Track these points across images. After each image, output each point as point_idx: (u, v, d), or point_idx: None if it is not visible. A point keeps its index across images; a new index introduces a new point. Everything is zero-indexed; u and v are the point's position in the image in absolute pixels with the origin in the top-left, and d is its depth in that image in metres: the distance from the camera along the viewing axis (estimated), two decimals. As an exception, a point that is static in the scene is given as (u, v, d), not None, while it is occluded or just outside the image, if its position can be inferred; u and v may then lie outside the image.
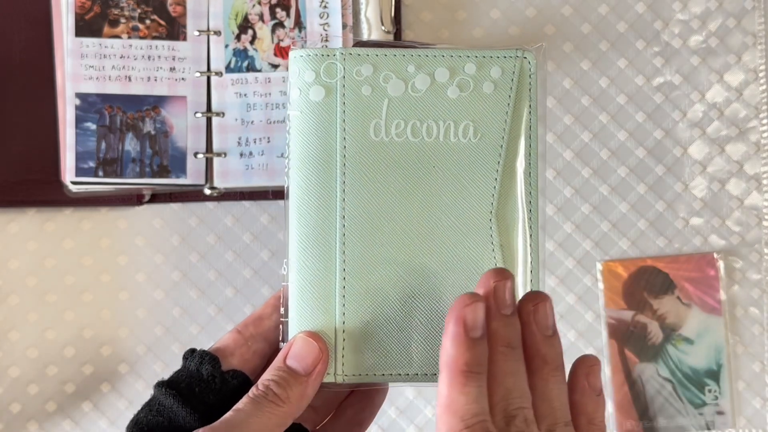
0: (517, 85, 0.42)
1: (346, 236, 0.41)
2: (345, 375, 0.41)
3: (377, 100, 0.42)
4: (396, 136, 0.42)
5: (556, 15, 0.68)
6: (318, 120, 0.42)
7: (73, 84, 0.62)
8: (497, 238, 0.42)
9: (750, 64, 0.68)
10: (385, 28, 0.64)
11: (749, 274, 0.68)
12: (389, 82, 0.42)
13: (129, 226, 0.65)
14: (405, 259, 0.42)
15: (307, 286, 0.41)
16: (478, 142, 0.42)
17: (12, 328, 0.64)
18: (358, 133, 0.42)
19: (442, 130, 0.42)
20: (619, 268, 0.68)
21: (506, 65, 0.42)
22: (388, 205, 0.42)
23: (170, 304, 0.66)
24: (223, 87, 0.64)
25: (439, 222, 0.42)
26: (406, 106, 0.42)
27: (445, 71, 0.42)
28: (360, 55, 0.42)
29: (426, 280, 0.41)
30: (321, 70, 0.42)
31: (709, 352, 0.67)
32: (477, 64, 0.42)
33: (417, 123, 0.42)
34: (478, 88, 0.42)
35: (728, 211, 0.68)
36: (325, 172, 0.42)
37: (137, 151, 0.63)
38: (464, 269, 0.42)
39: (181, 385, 0.40)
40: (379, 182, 0.42)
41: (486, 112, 0.42)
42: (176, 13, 0.63)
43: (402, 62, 0.42)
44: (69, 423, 0.65)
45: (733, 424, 0.67)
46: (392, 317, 0.41)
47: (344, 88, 0.42)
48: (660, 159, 0.68)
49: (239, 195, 0.65)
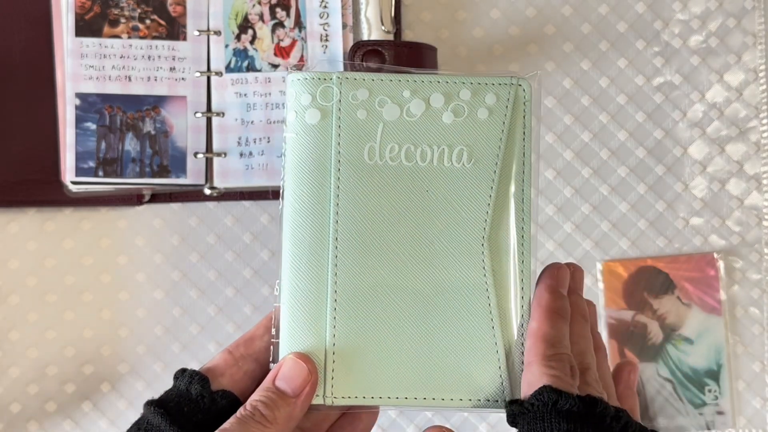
0: (511, 112, 0.43)
1: (338, 258, 0.42)
2: (334, 397, 0.41)
3: (372, 123, 0.43)
4: (390, 159, 0.42)
5: (556, 15, 0.68)
6: (313, 142, 0.42)
7: (73, 84, 0.62)
8: (489, 263, 0.42)
9: (750, 64, 0.68)
10: (385, 28, 0.64)
11: (749, 274, 0.68)
12: (384, 107, 0.43)
13: (129, 226, 0.65)
14: (396, 283, 0.42)
15: (298, 308, 0.41)
16: (471, 167, 0.42)
17: (12, 328, 0.64)
18: (352, 156, 0.42)
19: (436, 154, 0.42)
20: (619, 268, 0.68)
21: (501, 92, 0.43)
22: (380, 229, 0.42)
23: (170, 304, 0.66)
24: (223, 87, 0.64)
25: (432, 246, 0.42)
26: (400, 130, 0.43)
27: (440, 97, 0.43)
28: (356, 80, 0.43)
29: (417, 304, 0.42)
30: (317, 93, 0.43)
31: (709, 352, 0.67)
32: (472, 90, 0.43)
33: (411, 147, 0.42)
34: (473, 114, 0.43)
35: (728, 211, 0.68)
36: (319, 195, 0.42)
37: (137, 151, 0.63)
38: (455, 293, 0.42)
39: (170, 405, 0.40)
40: (372, 205, 0.42)
41: (480, 138, 0.42)
42: (176, 13, 0.63)
43: (397, 87, 0.43)
44: (69, 423, 0.65)
45: (733, 424, 0.67)
46: (383, 340, 0.41)
47: (340, 112, 0.43)
48: (660, 159, 0.68)
49: (239, 195, 0.65)
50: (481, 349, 0.41)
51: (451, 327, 0.42)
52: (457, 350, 0.41)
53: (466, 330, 0.41)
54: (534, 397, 0.37)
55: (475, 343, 0.41)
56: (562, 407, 0.36)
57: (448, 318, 0.41)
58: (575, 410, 0.36)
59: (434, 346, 0.41)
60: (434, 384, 0.41)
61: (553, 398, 0.37)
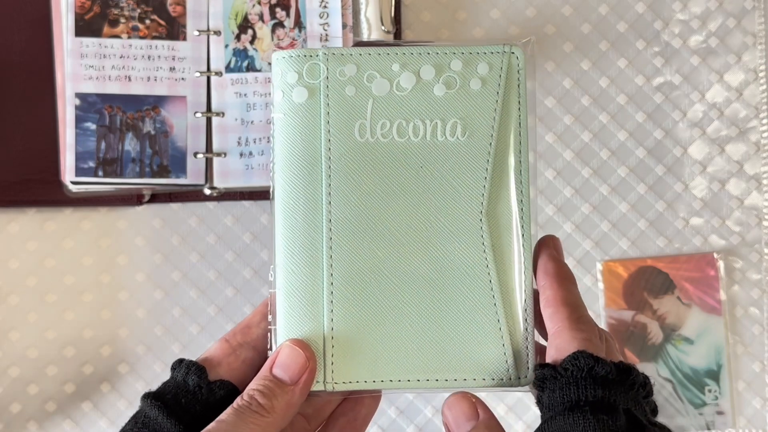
0: (505, 81, 0.41)
1: (333, 240, 0.41)
2: (335, 383, 0.40)
3: (361, 100, 0.41)
4: (381, 136, 0.41)
5: (556, 15, 0.68)
6: (302, 122, 0.41)
7: (73, 84, 0.62)
8: (488, 239, 0.41)
9: (750, 64, 0.68)
10: (385, 28, 0.64)
11: (749, 274, 0.68)
12: (373, 82, 0.41)
13: (129, 226, 0.65)
14: (394, 263, 0.41)
15: (294, 293, 0.40)
16: (466, 140, 0.41)
17: (12, 328, 0.64)
18: (342, 134, 0.41)
19: (429, 129, 0.41)
20: (619, 268, 0.68)
21: (493, 61, 0.41)
22: (375, 208, 0.41)
23: (170, 304, 0.66)
24: (222, 87, 0.64)
25: (428, 224, 0.41)
26: (391, 105, 0.41)
27: (430, 69, 0.41)
28: (343, 55, 0.41)
29: (416, 284, 0.41)
30: (304, 71, 0.41)
31: (709, 352, 0.67)
32: (463, 60, 0.41)
33: (403, 122, 0.41)
34: (465, 86, 0.41)
35: (728, 211, 0.68)
36: (311, 176, 0.41)
37: (137, 151, 0.63)
38: (454, 271, 0.41)
39: (168, 397, 0.40)
40: (365, 184, 0.41)
41: (474, 110, 0.41)
42: (176, 13, 0.63)
43: (386, 61, 0.41)
44: (69, 423, 0.65)
45: (733, 424, 0.67)
46: (382, 322, 0.40)
47: (328, 89, 0.41)
48: (660, 159, 0.68)
49: (239, 195, 0.65)
50: (484, 328, 0.40)
51: (451, 306, 0.41)
52: (459, 329, 0.40)
53: (467, 308, 0.40)
54: (569, 362, 0.36)
55: (477, 321, 0.40)
56: (598, 373, 0.35)
57: (449, 297, 0.40)
58: (609, 377, 0.36)
59: (435, 327, 0.40)
60: (436, 365, 0.40)
61: (590, 364, 0.36)
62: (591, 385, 0.35)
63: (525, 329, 0.40)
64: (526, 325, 0.40)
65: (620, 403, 0.35)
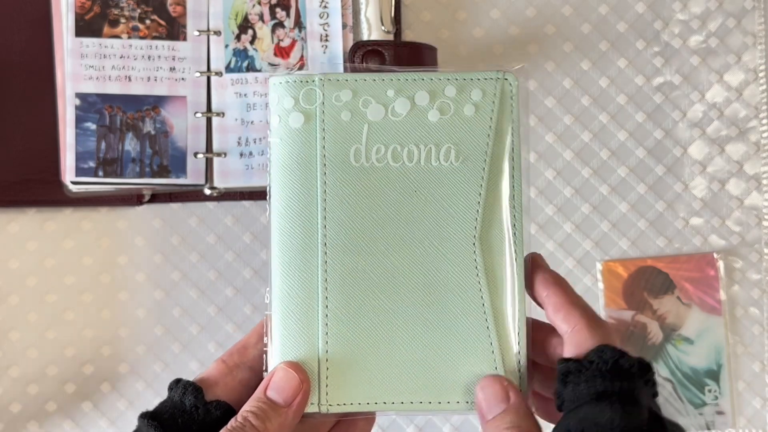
0: (498, 107, 0.42)
1: (328, 264, 0.41)
2: (329, 405, 0.40)
3: (357, 125, 0.42)
4: (377, 161, 0.42)
5: (556, 15, 0.68)
6: (298, 147, 0.42)
7: (73, 84, 0.62)
8: (481, 262, 0.41)
9: (750, 64, 0.68)
10: (385, 28, 0.64)
11: (749, 274, 0.68)
12: (369, 107, 0.42)
13: (129, 226, 0.65)
14: (388, 286, 0.41)
15: (289, 315, 0.41)
16: (460, 165, 0.42)
17: (12, 328, 0.64)
18: (338, 159, 0.42)
19: (423, 153, 0.42)
20: (619, 268, 0.68)
21: (487, 87, 0.42)
22: (370, 232, 0.41)
23: (170, 304, 0.66)
24: (223, 87, 0.64)
25: (423, 247, 0.41)
26: (386, 130, 0.42)
27: (425, 95, 0.42)
28: (339, 81, 0.42)
29: (410, 307, 0.41)
30: (300, 96, 0.42)
31: (709, 352, 0.67)
32: (457, 86, 0.42)
33: (398, 147, 0.42)
34: (459, 111, 0.42)
35: (728, 211, 0.68)
36: (306, 199, 0.41)
37: (137, 151, 0.63)
38: (449, 294, 0.41)
39: (165, 416, 0.40)
40: (360, 208, 0.41)
41: (467, 135, 0.42)
42: (176, 13, 0.63)
43: (381, 87, 0.42)
44: (69, 423, 0.65)
45: (733, 424, 0.67)
46: (377, 345, 0.41)
47: (324, 114, 0.42)
48: (660, 159, 0.68)
49: (239, 195, 0.65)
50: (477, 350, 0.41)
51: (445, 329, 0.41)
52: (453, 352, 0.41)
53: (460, 332, 0.41)
54: (594, 355, 0.37)
55: (471, 344, 0.41)
56: (623, 366, 0.36)
57: (443, 320, 0.41)
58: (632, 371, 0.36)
59: (429, 349, 0.41)
60: (430, 387, 0.41)
61: (615, 356, 0.36)
62: (617, 377, 0.36)
63: (518, 352, 0.41)
64: (519, 348, 0.41)
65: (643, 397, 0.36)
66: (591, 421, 0.35)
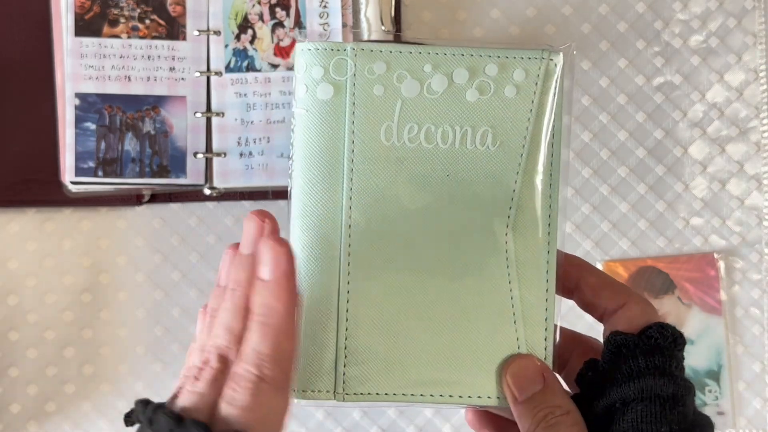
0: (540, 89, 0.39)
1: (351, 247, 0.38)
2: (346, 393, 0.38)
3: (390, 101, 0.39)
4: (409, 141, 0.39)
5: (556, 15, 0.68)
6: (325, 120, 0.39)
7: (72, 84, 0.62)
8: (513, 253, 0.39)
9: (750, 64, 0.68)
10: (385, 28, 0.64)
11: (749, 274, 0.68)
12: (403, 82, 0.39)
13: (129, 226, 0.65)
14: (412, 273, 0.39)
15: (308, 298, 0.39)
16: (496, 150, 0.39)
17: (12, 329, 0.64)
18: (367, 136, 0.39)
19: (459, 135, 0.39)
20: (619, 269, 0.67)
21: (530, 67, 0.39)
22: (397, 216, 0.39)
23: (170, 304, 0.66)
24: (222, 87, 0.64)
25: (451, 234, 0.39)
26: (420, 108, 0.39)
27: (464, 72, 0.39)
28: (373, 51, 0.39)
29: (435, 297, 0.39)
30: (330, 66, 0.39)
31: (710, 353, 0.67)
32: (499, 65, 0.39)
33: (432, 127, 0.39)
34: (499, 92, 0.39)
35: (728, 211, 0.68)
36: (331, 178, 0.39)
37: (137, 151, 0.63)
38: (476, 286, 0.39)
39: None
40: (388, 191, 0.39)
41: (506, 119, 0.39)
42: (176, 12, 0.63)
43: (418, 60, 0.39)
44: (69, 423, 0.65)
45: (734, 425, 0.67)
46: (398, 334, 0.38)
47: (354, 87, 0.39)
48: (660, 159, 0.68)
49: (239, 195, 0.65)
50: (502, 344, 0.39)
51: (470, 320, 0.39)
52: (477, 345, 0.39)
53: (486, 324, 0.39)
54: (656, 331, 0.37)
55: (496, 337, 0.39)
56: (681, 345, 0.38)
57: (468, 311, 0.39)
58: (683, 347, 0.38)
59: (452, 340, 0.39)
60: (452, 380, 0.39)
61: (676, 334, 0.37)
62: (674, 354, 0.37)
63: (545, 348, 0.39)
64: (546, 344, 0.39)
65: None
66: (652, 392, 0.36)
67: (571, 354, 0.41)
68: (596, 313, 0.40)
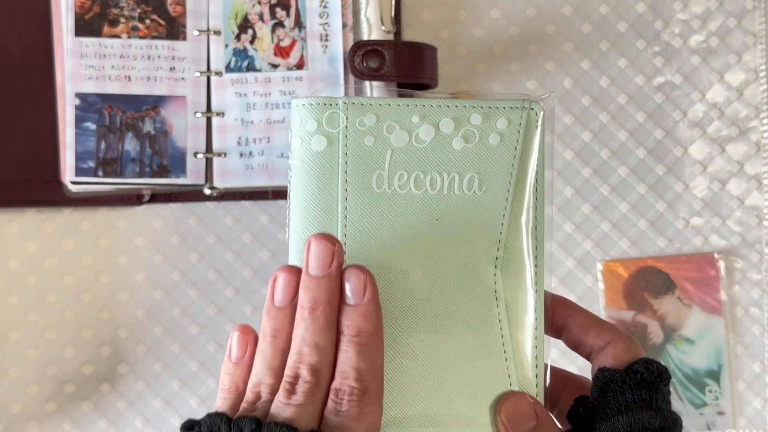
0: (523, 136, 0.41)
1: None
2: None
3: (380, 150, 0.41)
4: (399, 187, 0.41)
5: (556, 15, 0.68)
6: (319, 170, 0.41)
7: (72, 84, 0.62)
8: (502, 295, 0.40)
9: (750, 64, 0.68)
10: (385, 28, 0.64)
11: (750, 274, 0.68)
12: (392, 133, 0.41)
13: (129, 226, 0.65)
14: (405, 313, 0.40)
15: None
16: (483, 195, 0.40)
17: (12, 328, 0.64)
18: (359, 184, 0.41)
19: (447, 182, 0.41)
20: (619, 268, 0.67)
21: (512, 116, 0.41)
22: (389, 260, 0.40)
23: (170, 304, 0.66)
24: (222, 87, 0.64)
25: (442, 277, 0.40)
26: (409, 157, 0.41)
27: (450, 122, 0.41)
28: (363, 105, 0.41)
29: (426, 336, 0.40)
30: (323, 119, 0.41)
31: (710, 353, 0.67)
32: (483, 115, 0.41)
33: (420, 174, 0.41)
34: (484, 140, 0.41)
35: (729, 211, 0.68)
36: (326, 223, 0.41)
37: (137, 151, 0.63)
38: (467, 326, 0.40)
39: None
40: (380, 236, 0.40)
41: (491, 164, 0.41)
42: (176, 12, 0.63)
43: (406, 112, 0.41)
44: (69, 423, 0.65)
45: (734, 425, 0.67)
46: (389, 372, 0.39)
47: (347, 138, 0.41)
48: (660, 159, 0.68)
49: (239, 195, 0.65)
50: (494, 383, 0.40)
51: (461, 359, 0.40)
52: (468, 383, 0.40)
53: (477, 362, 0.40)
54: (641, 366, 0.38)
55: (487, 376, 0.40)
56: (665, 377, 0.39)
57: (459, 350, 0.40)
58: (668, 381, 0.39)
59: (444, 378, 0.40)
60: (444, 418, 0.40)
61: (661, 369, 0.39)
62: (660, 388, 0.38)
63: (536, 385, 0.40)
64: (537, 381, 0.40)
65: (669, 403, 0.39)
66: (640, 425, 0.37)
67: (561, 392, 0.42)
68: (584, 351, 0.41)
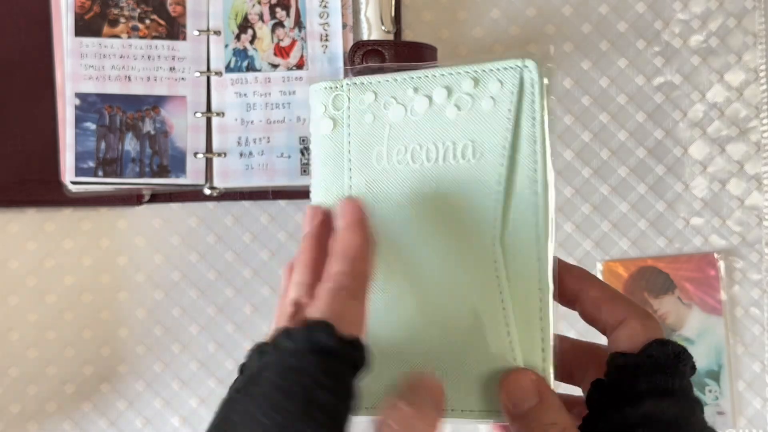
0: (517, 98, 0.39)
1: None
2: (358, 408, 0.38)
3: (379, 127, 0.41)
4: (398, 162, 0.41)
5: (556, 15, 0.68)
6: (328, 153, 0.42)
7: (72, 84, 0.62)
8: (503, 266, 0.38)
9: (750, 64, 0.68)
10: (385, 28, 0.64)
11: (750, 274, 0.68)
12: (389, 108, 0.41)
13: (129, 226, 0.65)
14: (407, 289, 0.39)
15: None
16: (477, 162, 0.39)
17: (12, 328, 0.64)
18: (362, 163, 0.41)
19: (442, 152, 0.40)
20: (619, 268, 0.67)
21: (505, 78, 0.39)
22: (391, 236, 0.40)
23: (170, 304, 0.66)
24: (222, 87, 0.64)
25: (443, 250, 0.39)
26: (406, 131, 0.41)
27: (442, 91, 0.40)
28: (363, 84, 0.42)
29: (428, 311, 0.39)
30: (329, 102, 0.42)
31: (710, 353, 0.67)
32: (474, 79, 0.40)
33: (417, 147, 0.40)
34: (477, 106, 0.40)
35: (729, 211, 0.68)
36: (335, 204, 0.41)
37: (137, 151, 0.63)
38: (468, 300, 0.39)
39: None
40: (381, 211, 0.40)
41: (485, 130, 0.39)
42: (176, 12, 0.63)
43: (401, 86, 0.41)
44: (69, 423, 0.65)
45: (734, 425, 0.67)
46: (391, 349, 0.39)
47: (349, 119, 0.42)
48: (660, 159, 0.68)
49: (239, 195, 0.65)
50: (497, 359, 0.38)
51: (464, 335, 0.38)
52: (471, 359, 0.38)
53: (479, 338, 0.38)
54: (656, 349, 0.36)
55: (490, 352, 0.38)
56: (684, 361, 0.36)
57: (462, 327, 0.39)
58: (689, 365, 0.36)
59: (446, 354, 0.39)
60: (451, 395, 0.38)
61: (678, 349, 0.36)
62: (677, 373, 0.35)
63: (542, 360, 0.38)
64: (543, 356, 0.38)
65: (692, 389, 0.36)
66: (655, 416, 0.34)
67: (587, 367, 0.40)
68: (598, 327, 0.39)
